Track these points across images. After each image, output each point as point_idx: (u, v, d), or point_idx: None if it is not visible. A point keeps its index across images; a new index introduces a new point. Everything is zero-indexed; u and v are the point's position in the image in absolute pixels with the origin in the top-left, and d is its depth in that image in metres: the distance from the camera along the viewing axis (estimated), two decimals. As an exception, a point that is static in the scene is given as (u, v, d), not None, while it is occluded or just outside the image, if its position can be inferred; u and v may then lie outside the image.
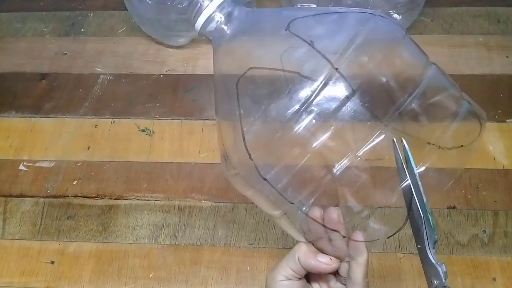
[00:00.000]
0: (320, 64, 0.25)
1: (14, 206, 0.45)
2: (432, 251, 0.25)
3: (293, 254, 0.29)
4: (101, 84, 0.53)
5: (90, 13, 0.60)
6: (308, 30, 0.27)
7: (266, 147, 0.27)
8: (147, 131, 0.49)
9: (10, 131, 0.50)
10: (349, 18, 0.28)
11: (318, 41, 0.26)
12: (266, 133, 0.26)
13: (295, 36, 0.27)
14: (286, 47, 0.27)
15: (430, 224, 0.24)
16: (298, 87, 0.25)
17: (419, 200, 0.24)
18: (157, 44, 0.56)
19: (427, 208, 0.24)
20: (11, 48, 0.58)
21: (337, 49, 0.25)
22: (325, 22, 0.28)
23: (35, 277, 0.41)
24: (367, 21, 0.27)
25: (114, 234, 0.43)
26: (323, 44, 0.26)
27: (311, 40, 0.26)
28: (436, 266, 0.24)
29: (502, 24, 0.55)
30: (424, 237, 0.24)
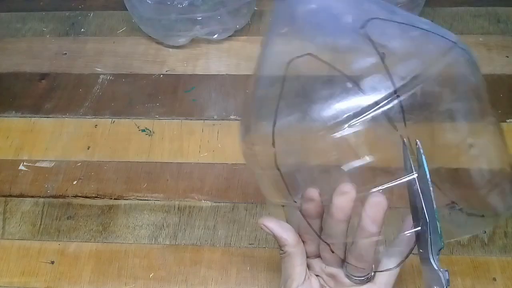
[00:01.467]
0: (383, 83, 0.23)
1: (14, 206, 0.45)
2: (435, 258, 0.24)
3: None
4: (101, 84, 0.53)
5: (90, 13, 0.60)
6: (384, 37, 0.25)
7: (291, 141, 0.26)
8: (147, 131, 0.49)
9: (10, 131, 0.50)
10: (430, 42, 0.26)
11: (391, 56, 0.24)
12: (297, 128, 0.25)
13: (369, 40, 0.25)
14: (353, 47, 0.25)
15: (437, 231, 0.23)
16: (350, 98, 0.23)
17: (428, 205, 0.23)
18: (157, 44, 0.56)
19: (437, 214, 0.23)
20: (11, 48, 0.58)
21: (407, 74, 0.24)
22: (405, 37, 0.26)
23: (35, 277, 0.41)
24: (448, 52, 0.25)
25: (114, 234, 0.43)
26: (394, 62, 0.24)
27: (383, 52, 0.24)
28: (438, 273, 0.24)
29: (502, 24, 0.55)
30: (428, 243, 0.24)
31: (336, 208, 0.25)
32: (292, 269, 0.28)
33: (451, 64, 0.25)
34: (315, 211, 0.26)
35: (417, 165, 0.24)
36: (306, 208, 0.26)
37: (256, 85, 0.28)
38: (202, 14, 0.51)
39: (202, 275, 0.40)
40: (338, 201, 0.25)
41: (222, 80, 0.53)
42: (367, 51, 0.24)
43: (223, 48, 0.55)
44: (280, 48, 0.28)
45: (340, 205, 0.25)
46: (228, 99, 0.51)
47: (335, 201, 0.25)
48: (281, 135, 0.25)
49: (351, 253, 0.26)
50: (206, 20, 0.52)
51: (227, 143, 0.48)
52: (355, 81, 0.24)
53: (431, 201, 0.23)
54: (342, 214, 0.25)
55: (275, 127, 0.25)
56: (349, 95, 0.24)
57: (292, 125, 0.25)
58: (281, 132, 0.25)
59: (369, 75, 0.24)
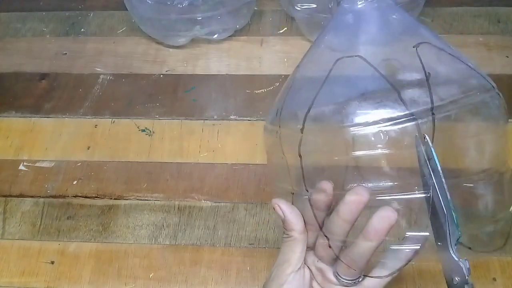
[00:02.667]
0: (422, 99, 0.24)
1: (14, 206, 0.45)
2: (454, 248, 0.24)
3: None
4: (101, 84, 0.53)
5: (90, 13, 0.60)
6: (432, 60, 0.27)
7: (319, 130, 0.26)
8: (147, 131, 0.49)
9: (10, 131, 0.50)
10: (473, 78, 0.27)
11: (435, 78, 0.25)
12: (330, 119, 0.26)
13: (417, 58, 0.26)
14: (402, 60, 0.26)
15: (454, 221, 0.24)
16: (389, 104, 0.25)
17: (442, 196, 0.24)
18: (157, 44, 0.56)
19: (451, 204, 0.24)
20: (11, 48, 0.58)
21: (446, 97, 0.25)
22: (451, 66, 0.27)
23: (35, 277, 0.41)
24: (486, 91, 0.27)
25: (114, 234, 0.43)
26: (437, 83, 0.25)
27: (429, 72, 0.25)
28: (459, 263, 0.24)
29: (502, 24, 0.55)
30: (447, 234, 0.24)
31: (345, 208, 0.25)
32: (292, 254, 0.28)
33: (486, 102, 0.27)
34: (324, 204, 0.27)
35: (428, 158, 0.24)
36: (316, 199, 0.27)
37: (297, 74, 0.29)
38: (202, 14, 0.51)
39: (202, 275, 0.40)
40: (349, 201, 0.25)
41: (222, 80, 0.53)
42: (414, 67, 0.26)
43: (223, 48, 0.55)
44: (330, 46, 0.30)
45: (350, 205, 0.25)
46: (228, 99, 0.51)
47: (346, 200, 0.25)
48: (312, 123, 0.26)
49: (347, 254, 0.27)
50: (206, 20, 0.52)
51: (227, 143, 0.48)
52: (397, 89, 0.25)
53: (445, 193, 0.24)
54: (349, 215, 0.25)
55: (308, 112, 0.26)
56: (388, 100, 0.25)
57: (326, 115, 0.26)
58: (312, 120, 0.26)
59: (411, 88, 0.25)
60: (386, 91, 0.25)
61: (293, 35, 0.56)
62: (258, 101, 0.51)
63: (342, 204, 0.26)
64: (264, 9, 0.58)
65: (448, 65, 0.28)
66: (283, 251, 0.28)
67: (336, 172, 0.28)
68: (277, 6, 0.58)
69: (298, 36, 0.55)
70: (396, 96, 0.25)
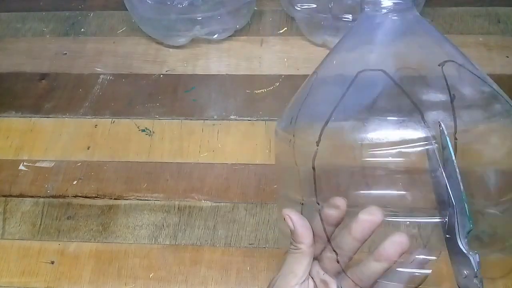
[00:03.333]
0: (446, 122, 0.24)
1: (14, 206, 0.45)
2: (463, 241, 0.23)
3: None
4: (101, 84, 0.53)
5: (90, 13, 0.60)
6: (457, 81, 0.26)
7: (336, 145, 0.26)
8: (147, 131, 0.49)
9: (10, 131, 0.50)
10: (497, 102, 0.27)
11: (460, 100, 0.25)
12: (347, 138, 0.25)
13: (443, 77, 0.25)
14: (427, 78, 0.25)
15: (465, 212, 0.23)
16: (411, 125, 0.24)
17: (454, 187, 0.23)
18: (157, 44, 0.56)
19: (464, 195, 0.23)
20: (11, 48, 0.58)
21: (469, 121, 0.24)
22: (475, 87, 0.27)
23: (35, 277, 0.41)
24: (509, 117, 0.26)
25: (114, 234, 0.43)
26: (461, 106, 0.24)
27: (454, 94, 0.25)
28: (468, 256, 0.23)
29: (502, 24, 0.55)
30: (456, 226, 0.23)
31: (357, 226, 0.25)
32: (298, 266, 0.27)
33: (509, 128, 0.26)
34: (335, 220, 0.27)
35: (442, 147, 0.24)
36: (327, 214, 0.26)
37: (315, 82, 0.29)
38: (202, 14, 0.51)
39: (202, 275, 0.40)
40: (362, 220, 0.25)
41: (222, 80, 0.53)
42: (439, 87, 0.25)
43: (223, 48, 0.55)
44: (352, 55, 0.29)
45: (362, 225, 0.25)
46: (228, 99, 0.51)
47: (359, 219, 0.25)
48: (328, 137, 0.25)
49: (354, 271, 0.26)
50: (206, 20, 0.52)
51: (227, 143, 0.48)
52: (420, 110, 0.24)
53: (458, 183, 0.23)
54: (361, 234, 0.25)
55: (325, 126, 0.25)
56: (411, 121, 0.24)
57: (344, 131, 0.25)
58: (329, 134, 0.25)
59: (435, 109, 0.24)
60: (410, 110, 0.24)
61: (293, 35, 0.56)
62: (258, 101, 0.51)
63: (355, 222, 0.25)
64: (264, 9, 0.58)
65: (472, 86, 0.27)
66: (289, 261, 0.28)
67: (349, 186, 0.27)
68: (277, 6, 0.58)
69: (298, 36, 0.55)
70: (419, 117, 0.24)
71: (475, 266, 0.23)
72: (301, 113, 0.28)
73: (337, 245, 0.27)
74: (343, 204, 0.26)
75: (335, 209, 0.26)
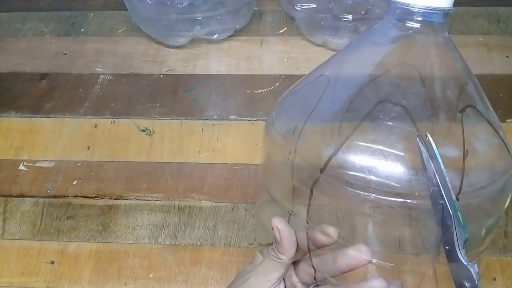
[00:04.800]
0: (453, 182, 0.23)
1: (14, 206, 0.45)
2: (462, 252, 0.23)
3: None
4: (101, 84, 0.53)
5: (90, 13, 0.60)
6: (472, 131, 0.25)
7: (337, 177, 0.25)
8: (147, 131, 0.49)
9: (10, 131, 0.50)
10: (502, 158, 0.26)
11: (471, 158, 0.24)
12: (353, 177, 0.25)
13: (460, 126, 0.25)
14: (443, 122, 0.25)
15: (460, 222, 0.23)
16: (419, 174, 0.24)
17: (447, 197, 0.23)
18: (157, 44, 0.56)
19: (457, 205, 0.23)
20: (11, 48, 0.58)
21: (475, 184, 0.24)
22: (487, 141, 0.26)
23: (35, 277, 0.41)
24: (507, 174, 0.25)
25: (114, 234, 0.43)
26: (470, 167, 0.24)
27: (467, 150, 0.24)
28: (467, 267, 0.23)
29: (502, 24, 0.55)
30: (454, 237, 0.23)
31: (343, 259, 0.26)
32: (274, 274, 0.28)
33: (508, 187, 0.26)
34: (323, 245, 0.27)
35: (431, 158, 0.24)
36: (316, 238, 0.27)
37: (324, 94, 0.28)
38: (202, 14, 0.51)
39: (202, 275, 0.40)
40: (348, 256, 0.25)
41: (222, 80, 0.53)
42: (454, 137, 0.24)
43: (223, 48, 0.55)
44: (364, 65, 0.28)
45: (348, 260, 0.25)
46: (228, 99, 0.51)
47: (346, 254, 0.26)
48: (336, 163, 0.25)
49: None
50: (206, 20, 0.52)
51: (227, 143, 0.48)
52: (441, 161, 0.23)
53: (450, 193, 0.23)
54: (345, 267, 0.26)
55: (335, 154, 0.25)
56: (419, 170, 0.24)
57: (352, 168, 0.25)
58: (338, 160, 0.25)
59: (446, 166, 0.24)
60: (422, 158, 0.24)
61: (293, 35, 0.56)
62: (258, 101, 0.51)
63: (342, 255, 0.26)
64: (264, 9, 0.58)
65: (485, 139, 0.26)
66: (266, 265, 0.28)
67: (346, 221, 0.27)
68: (277, 6, 0.58)
69: (298, 36, 0.55)
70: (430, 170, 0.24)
71: (475, 276, 0.23)
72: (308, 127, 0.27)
73: (318, 265, 0.27)
74: (335, 234, 0.26)
75: (325, 236, 0.26)
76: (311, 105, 0.28)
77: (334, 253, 0.26)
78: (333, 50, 0.54)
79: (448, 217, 0.23)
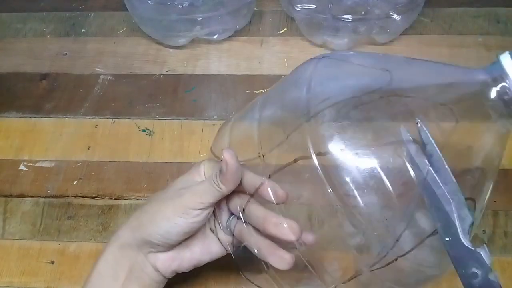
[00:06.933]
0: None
1: (14, 206, 0.45)
2: (466, 237, 0.22)
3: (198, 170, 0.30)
4: (102, 84, 0.53)
5: (90, 13, 0.60)
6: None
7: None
8: (147, 131, 0.49)
9: (10, 131, 0.50)
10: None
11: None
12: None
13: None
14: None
15: (463, 205, 0.22)
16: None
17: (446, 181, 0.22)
18: (157, 45, 0.56)
19: (458, 187, 0.22)
20: (12, 48, 0.58)
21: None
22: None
23: (35, 277, 0.41)
24: None
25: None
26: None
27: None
28: (476, 252, 0.22)
29: (502, 25, 0.55)
30: (456, 223, 0.22)
31: (271, 225, 0.27)
32: (209, 198, 0.29)
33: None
34: (265, 200, 0.28)
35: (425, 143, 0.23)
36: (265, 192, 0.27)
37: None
38: (202, 15, 0.51)
39: (202, 275, 0.40)
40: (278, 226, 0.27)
41: (222, 80, 0.53)
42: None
43: (223, 48, 0.56)
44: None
45: (275, 230, 0.27)
46: (228, 99, 0.51)
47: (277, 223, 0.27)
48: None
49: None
50: (206, 20, 0.52)
51: (227, 143, 0.48)
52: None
53: (449, 176, 0.22)
54: (269, 232, 0.27)
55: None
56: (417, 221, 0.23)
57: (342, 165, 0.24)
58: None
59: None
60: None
61: (293, 36, 0.56)
62: (258, 101, 0.51)
63: (273, 220, 0.27)
64: (264, 10, 0.58)
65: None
66: (204, 189, 0.29)
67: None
68: (277, 6, 0.58)
69: (298, 36, 0.56)
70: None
71: (487, 260, 0.22)
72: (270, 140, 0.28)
73: (250, 209, 0.28)
74: (283, 200, 0.27)
75: (275, 196, 0.27)
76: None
77: (267, 213, 0.27)
78: (333, 50, 0.54)
79: (446, 203, 0.22)
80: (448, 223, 0.22)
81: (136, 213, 0.32)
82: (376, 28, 0.51)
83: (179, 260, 0.31)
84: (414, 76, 0.27)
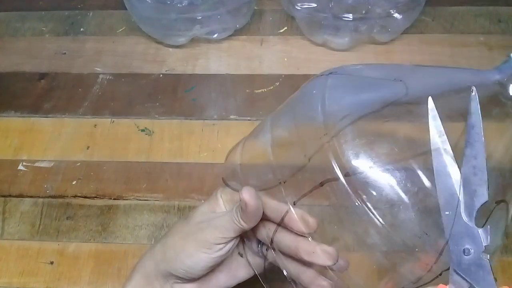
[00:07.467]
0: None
1: (13, 206, 0.45)
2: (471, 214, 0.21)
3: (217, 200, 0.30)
4: (101, 83, 0.53)
5: (89, 12, 0.60)
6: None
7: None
8: (147, 131, 0.49)
9: (9, 131, 0.50)
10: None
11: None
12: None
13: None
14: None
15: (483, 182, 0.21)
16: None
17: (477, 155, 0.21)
18: (157, 44, 0.56)
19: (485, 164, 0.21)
20: (10, 47, 0.57)
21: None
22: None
23: (35, 278, 0.41)
24: None
25: (114, 234, 0.43)
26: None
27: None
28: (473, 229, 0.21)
29: (503, 24, 0.55)
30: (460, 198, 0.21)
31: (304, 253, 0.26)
32: (231, 233, 0.28)
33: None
34: (293, 229, 0.27)
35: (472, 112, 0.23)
36: (293, 221, 0.27)
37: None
38: (202, 14, 0.51)
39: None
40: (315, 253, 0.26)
41: (222, 79, 0.53)
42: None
43: (223, 47, 0.55)
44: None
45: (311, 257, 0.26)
46: (228, 99, 0.51)
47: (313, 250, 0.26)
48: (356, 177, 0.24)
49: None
50: (206, 19, 0.52)
51: (227, 143, 0.47)
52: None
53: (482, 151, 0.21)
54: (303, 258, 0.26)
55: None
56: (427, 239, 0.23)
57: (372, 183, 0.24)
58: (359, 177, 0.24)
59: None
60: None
61: (293, 35, 0.56)
62: (258, 101, 0.50)
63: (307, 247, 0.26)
64: (264, 9, 0.58)
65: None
66: (225, 224, 0.28)
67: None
68: (277, 5, 0.58)
69: (298, 35, 0.55)
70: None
71: (485, 240, 0.21)
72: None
73: (279, 237, 0.27)
74: (313, 228, 0.26)
75: (303, 224, 0.26)
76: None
77: (298, 241, 0.26)
78: (333, 49, 0.54)
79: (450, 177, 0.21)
80: (451, 196, 0.21)
81: (159, 246, 0.31)
82: (377, 27, 0.51)
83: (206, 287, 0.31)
84: (428, 84, 0.26)
